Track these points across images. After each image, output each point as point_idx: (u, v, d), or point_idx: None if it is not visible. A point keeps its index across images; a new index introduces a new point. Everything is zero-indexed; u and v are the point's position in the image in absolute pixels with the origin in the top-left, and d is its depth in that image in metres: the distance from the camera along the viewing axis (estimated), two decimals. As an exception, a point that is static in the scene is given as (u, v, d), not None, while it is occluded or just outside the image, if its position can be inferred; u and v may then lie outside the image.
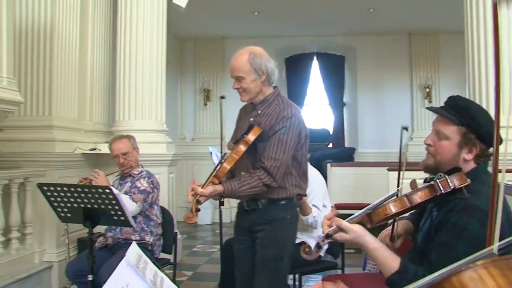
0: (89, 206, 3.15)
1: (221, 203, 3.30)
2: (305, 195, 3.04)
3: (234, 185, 2.64)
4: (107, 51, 6.06)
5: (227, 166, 2.66)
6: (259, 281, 2.76)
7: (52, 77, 5.05)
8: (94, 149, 5.34)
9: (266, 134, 2.70)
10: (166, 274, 1.36)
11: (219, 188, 2.64)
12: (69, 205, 3.22)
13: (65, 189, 3.16)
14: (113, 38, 6.04)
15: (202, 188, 2.61)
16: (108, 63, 6.08)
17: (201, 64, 10.10)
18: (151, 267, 1.45)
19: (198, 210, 2.65)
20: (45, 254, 4.90)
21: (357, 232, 1.78)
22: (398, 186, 2.03)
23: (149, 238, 3.82)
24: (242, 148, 2.68)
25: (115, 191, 3.12)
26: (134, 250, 1.39)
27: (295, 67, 10.33)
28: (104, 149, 5.24)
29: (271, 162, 2.64)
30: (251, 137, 2.68)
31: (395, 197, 1.87)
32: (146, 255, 3.61)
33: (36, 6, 5.03)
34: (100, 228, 3.80)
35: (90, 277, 3.19)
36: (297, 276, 4.10)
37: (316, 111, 10.71)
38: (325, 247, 2.26)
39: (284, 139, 2.67)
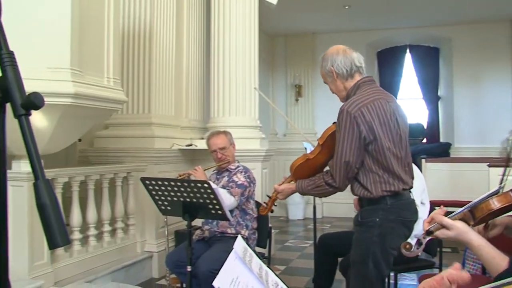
0: (188, 200, 3.26)
1: None
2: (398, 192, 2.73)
3: (305, 183, 2.68)
4: (201, 50, 6.26)
5: (295, 163, 2.75)
6: (350, 282, 2.74)
7: (151, 77, 5.31)
8: (190, 145, 5.53)
9: None
10: (270, 268, 1.40)
11: (293, 186, 2.75)
12: (169, 198, 3.36)
13: (166, 183, 3.31)
14: (206, 37, 6.23)
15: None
16: (202, 62, 6.27)
17: (292, 60, 10.12)
18: (256, 260, 1.50)
19: (272, 204, 2.93)
20: (146, 244, 5.18)
21: (460, 228, 1.70)
22: (501, 183, 1.92)
23: (244, 232, 3.89)
24: (317, 148, 2.72)
25: (213, 185, 3.22)
26: (240, 243, 1.45)
27: (387, 60, 10.09)
28: (200, 145, 5.43)
29: (330, 161, 2.62)
30: (322, 137, 2.71)
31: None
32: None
33: (136, 11, 5.34)
34: (197, 221, 3.95)
35: (189, 268, 3.31)
36: (392, 274, 4.02)
37: (409, 105, 10.38)
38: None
39: (337, 136, 2.57)
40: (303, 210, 9.21)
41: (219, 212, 3.27)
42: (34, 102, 0.96)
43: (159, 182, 3.33)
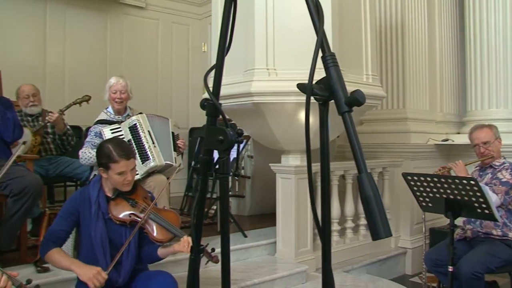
0: (451, 197, 3.15)
1: None
2: None
3: None
4: (454, 41, 5.94)
5: None
6: None
7: (405, 72, 5.27)
8: (447, 140, 5.32)
9: None
10: None
11: None
12: (431, 195, 3.29)
13: (428, 179, 3.24)
14: (460, 27, 5.89)
15: None
16: (456, 53, 5.95)
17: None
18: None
19: None
20: (400, 240, 5.16)
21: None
22: None
23: (512, 235, 3.60)
24: None
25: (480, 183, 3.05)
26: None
27: None
28: (457, 139, 5.19)
29: None
30: None
31: None
32: (508, 253, 3.40)
33: (387, 7, 5.36)
34: (457, 220, 3.78)
35: (450, 268, 3.18)
36: None
37: None
38: None
39: None
40: None
41: (486, 211, 3.09)
42: (358, 99, 1.02)
43: (421, 178, 3.29)
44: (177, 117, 7.17)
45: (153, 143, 3.70)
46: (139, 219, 2.64)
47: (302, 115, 3.69)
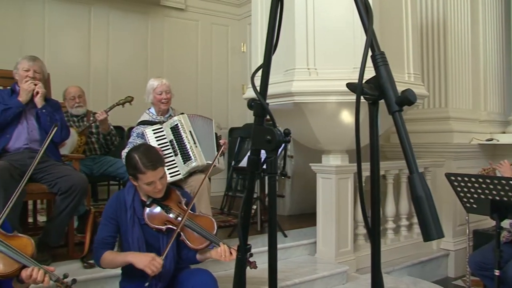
0: (497, 198, 3.08)
1: None
2: None
3: None
4: (499, 38, 5.77)
5: None
6: None
7: (447, 70, 5.16)
8: (491, 139, 5.20)
9: None
10: None
11: None
12: (475, 195, 3.22)
13: (473, 179, 3.18)
14: (505, 24, 5.74)
15: None
16: (501, 50, 5.79)
17: None
18: None
19: None
20: (442, 242, 5.06)
21: None
22: None
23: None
24: None
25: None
26: None
27: None
28: (502, 139, 5.08)
29: None
30: None
31: None
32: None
33: (429, 5, 5.27)
34: (503, 222, 3.69)
35: (497, 272, 3.11)
36: None
37: None
38: None
39: None
40: None
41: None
42: (409, 98, 1.02)
43: (465, 178, 3.22)
44: (217, 117, 7.22)
45: (195, 143, 3.74)
46: (175, 227, 2.63)
47: (343, 115, 3.67)
